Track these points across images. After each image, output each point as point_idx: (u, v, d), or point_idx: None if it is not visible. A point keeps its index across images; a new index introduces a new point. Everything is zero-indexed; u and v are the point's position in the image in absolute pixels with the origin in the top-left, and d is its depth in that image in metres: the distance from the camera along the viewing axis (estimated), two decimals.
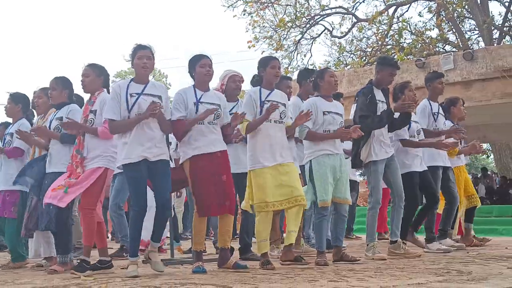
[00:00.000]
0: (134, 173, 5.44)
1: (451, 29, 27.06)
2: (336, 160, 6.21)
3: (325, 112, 6.24)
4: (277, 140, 5.93)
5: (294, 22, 27.07)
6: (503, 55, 14.86)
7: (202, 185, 5.62)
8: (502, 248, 7.91)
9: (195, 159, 5.66)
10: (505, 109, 16.39)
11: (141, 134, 5.43)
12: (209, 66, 5.84)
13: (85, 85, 5.90)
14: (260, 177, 5.81)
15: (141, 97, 5.48)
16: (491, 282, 4.31)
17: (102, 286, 4.56)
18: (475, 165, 43.44)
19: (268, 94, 6.02)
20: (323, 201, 6.10)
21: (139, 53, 5.57)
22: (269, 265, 5.67)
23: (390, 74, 6.84)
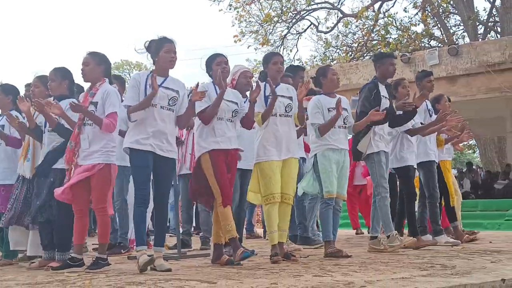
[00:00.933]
0: (139, 160, 5.41)
1: (436, 25, 27.22)
2: (341, 155, 6.35)
3: (330, 109, 6.34)
4: (283, 133, 5.98)
5: (280, 17, 27.09)
6: (487, 50, 14.96)
7: (222, 177, 5.67)
8: (486, 242, 7.96)
9: (215, 152, 5.70)
10: (489, 104, 16.51)
11: (153, 126, 5.42)
12: (225, 63, 5.90)
13: (85, 74, 5.71)
14: (268, 170, 5.87)
15: (160, 89, 5.44)
16: (475, 276, 4.33)
17: (86, 283, 4.54)
18: (460, 160, 43.66)
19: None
20: (329, 192, 6.25)
21: (167, 47, 5.54)
22: (276, 257, 5.74)
23: (390, 63, 6.98)
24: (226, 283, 4.27)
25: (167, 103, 5.50)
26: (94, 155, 5.51)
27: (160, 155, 5.45)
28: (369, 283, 4.02)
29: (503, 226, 13.71)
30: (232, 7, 26.46)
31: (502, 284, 4.16)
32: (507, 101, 16.97)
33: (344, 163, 6.36)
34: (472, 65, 15.11)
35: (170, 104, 5.51)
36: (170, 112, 5.53)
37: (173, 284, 4.28)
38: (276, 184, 5.85)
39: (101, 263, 5.46)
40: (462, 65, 15.24)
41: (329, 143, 6.30)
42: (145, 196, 5.45)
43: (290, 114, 6.07)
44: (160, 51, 5.55)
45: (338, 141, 6.34)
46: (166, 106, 5.50)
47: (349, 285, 3.97)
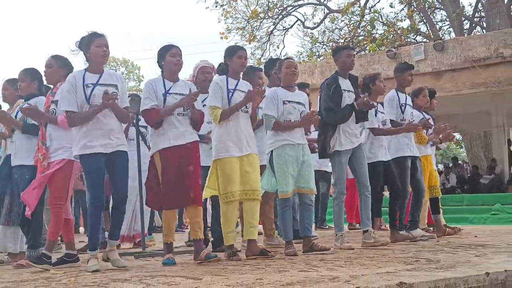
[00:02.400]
0: (91, 165, 5.32)
1: (422, 20, 27.32)
2: (298, 150, 6.18)
3: (285, 102, 6.20)
4: (244, 129, 5.89)
5: (266, 13, 27.08)
6: (473, 45, 15.03)
7: (171, 178, 5.57)
8: (471, 236, 8.00)
9: (165, 151, 5.61)
10: (475, 99, 16.60)
11: (97, 125, 5.31)
12: (179, 56, 5.78)
13: (48, 75, 5.85)
14: (227, 167, 5.78)
15: (97, 88, 5.35)
16: (459, 270, 4.35)
17: (71, 280, 4.53)
18: (447, 155, 43.83)
19: (236, 84, 5.98)
20: (284, 192, 6.12)
21: (98, 41, 5.42)
22: (235, 257, 5.70)
23: (347, 55, 6.82)
24: (211, 279, 4.27)
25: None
26: (58, 151, 5.60)
27: (111, 152, 5.37)
28: (354, 278, 4.02)
29: (489, 220, 13.80)
30: (218, 5, 26.43)
31: (486, 278, 4.18)
32: (493, 96, 17.07)
33: (303, 157, 6.19)
34: (457, 60, 15.17)
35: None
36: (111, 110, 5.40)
37: (158, 281, 4.27)
38: (235, 182, 5.76)
39: (43, 260, 5.50)
40: (447, 60, 15.30)
41: (285, 138, 6.13)
42: (101, 200, 5.41)
43: (249, 110, 5.97)
44: (91, 46, 5.41)
45: (294, 136, 6.17)
46: None
47: (334, 279, 3.98)
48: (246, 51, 6.23)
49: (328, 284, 3.78)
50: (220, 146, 5.84)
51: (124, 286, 4.12)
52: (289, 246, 6.09)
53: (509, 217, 13.82)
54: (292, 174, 6.13)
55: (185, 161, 5.62)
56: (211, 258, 5.56)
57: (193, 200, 5.65)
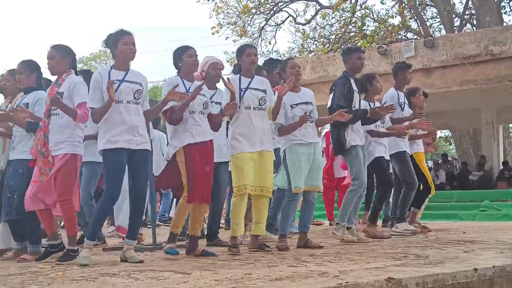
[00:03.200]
0: (114, 160, 5.32)
1: (413, 17, 27.34)
2: (310, 149, 6.28)
3: (293, 106, 6.29)
4: (257, 127, 5.97)
5: (258, 9, 27.03)
6: (463, 42, 15.05)
7: (196, 173, 5.63)
8: (460, 232, 8.03)
9: (190, 147, 5.66)
10: (465, 96, 16.64)
11: (122, 121, 5.32)
12: (196, 56, 5.85)
13: (51, 67, 5.69)
14: (239, 161, 5.87)
15: (123, 84, 5.36)
16: (447, 266, 4.38)
17: (59, 274, 4.51)
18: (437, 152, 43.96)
19: (249, 82, 6.06)
20: (297, 188, 6.20)
21: (125, 39, 5.44)
22: (235, 249, 5.75)
23: (358, 57, 6.96)
24: (200, 273, 4.27)
25: (132, 96, 5.40)
26: (60, 145, 5.51)
27: (133, 149, 5.37)
28: (343, 273, 4.04)
29: (478, 216, 13.84)
30: None
31: (474, 274, 4.21)
32: (482, 93, 17.12)
33: (314, 155, 6.30)
34: (447, 57, 15.20)
35: (136, 97, 5.41)
36: (137, 106, 5.44)
37: (147, 275, 4.27)
38: (247, 175, 5.84)
39: (71, 255, 5.45)
40: (437, 57, 15.32)
41: (297, 138, 6.24)
42: (116, 195, 5.39)
43: (264, 107, 6.05)
44: (118, 44, 5.44)
45: (306, 135, 6.27)
46: (132, 100, 5.40)
47: (323, 275, 3.99)
48: (255, 48, 6.31)
49: (317, 279, 3.79)
50: (233, 143, 5.96)
51: (112, 280, 4.11)
52: (282, 239, 6.15)
53: (498, 213, 13.87)
54: (305, 171, 6.23)
55: (204, 160, 5.71)
56: (208, 255, 5.62)
57: (205, 198, 5.75)
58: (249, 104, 5.96)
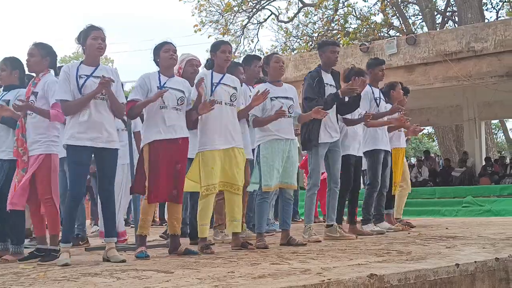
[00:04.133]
0: (75, 157, 5.26)
1: (395, 14, 27.44)
2: (286, 145, 6.25)
3: (273, 98, 6.25)
4: (228, 122, 5.92)
5: (240, 7, 27.01)
6: (444, 39, 15.13)
7: (157, 172, 5.55)
8: (443, 228, 8.07)
9: (156, 144, 5.58)
10: (446, 92, 16.75)
11: (91, 116, 5.26)
12: (173, 51, 5.79)
13: (30, 64, 5.69)
14: (210, 160, 5.79)
15: (90, 79, 5.30)
16: (429, 262, 4.39)
17: (40, 275, 4.47)
18: (419, 148, 44.18)
19: (220, 77, 6.00)
20: (267, 186, 6.15)
21: (94, 34, 5.38)
22: (208, 249, 5.69)
23: (332, 51, 6.90)
24: (183, 272, 4.26)
25: (101, 93, 5.31)
26: (34, 145, 5.53)
27: (99, 148, 5.31)
28: (326, 270, 4.04)
29: (460, 212, 13.92)
30: None
31: (456, 269, 4.22)
32: (464, 90, 17.24)
33: (290, 152, 6.25)
34: (429, 54, 15.27)
35: (104, 93, 5.31)
36: (105, 102, 5.36)
37: (129, 275, 4.25)
38: (217, 175, 5.79)
39: (53, 255, 5.43)
40: (419, 54, 15.39)
41: (273, 133, 6.20)
42: (80, 193, 5.35)
43: (234, 103, 6.01)
44: (88, 39, 5.39)
45: (282, 131, 6.23)
46: (100, 96, 5.31)
47: (306, 272, 3.99)
48: (231, 46, 6.25)
49: (299, 277, 3.79)
50: (204, 139, 5.86)
51: (94, 280, 4.08)
52: (260, 238, 6.11)
53: (480, 209, 13.96)
54: (277, 169, 6.19)
55: (175, 158, 5.62)
56: (191, 253, 5.59)
57: (175, 198, 5.69)
58: (221, 99, 5.88)
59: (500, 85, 15.25)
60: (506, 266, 4.62)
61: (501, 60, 14.51)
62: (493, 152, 24.80)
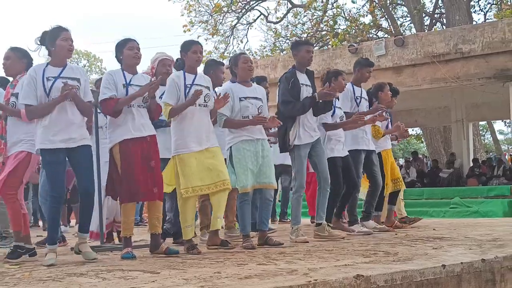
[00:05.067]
0: (51, 158, 5.23)
1: (383, 16, 27.52)
2: (258, 146, 6.20)
3: (242, 98, 6.20)
4: (203, 124, 5.87)
5: (230, 7, 27.00)
6: (432, 41, 15.20)
7: (131, 171, 5.50)
8: (430, 229, 8.07)
9: (126, 143, 5.53)
10: (434, 93, 16.83)
11: (59, 119, 5.23)
12: (137, 49, 5.72)
13: (6, 68, 5.74)
14: (186, 163, 5.74)
15: (58, 81, 5.25)
16: (416, 262, 4.39)
17: (26, 274, 4.45)
18: (408, 149, 44.33)
19: (193, 78, 5.93)
20: (243, 187, 6.12)
21: (64, 35, 5.34)
22: (195, 250, 5.66)
23: (307, 51, 6.84)
24: (169, 272, 4.24)
25: None
26: (18, 144, 5.56)
27: (72, 148, 5.29)
28: (312, 271, 4.03)
29: (448, 213, 14.00)
30: None
31: (442, 270, 4.23)
32: (452, 91, 17.33)
33: (263, 152, 6.21)
34: (417, 56, 15.33)
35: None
36: (73, 103, 5.31)
37: (115, 275, 4.23)
38: (196, 177, 5.74)
39: (19, 252, 5.47)
40: (408, 55, 15.45)
41: (243, 134, 6.16)
42: (60, 195, 5.31)
43: (208, 104, 5.95)
44: (57, 40, 5.32)
45: (252, 131, 6.18)
46: (68, 98, 5.25)
47: (293, 272, 3.98)
48: (201, 45, 6.14)
49: (286, 277, 3.78)
50: (179, 143, 5.80)
51: (79, 280, 4.06)
52: (247, 239, 6.10)
53: (468, 210, 14.04)
54: (252, 169, 6.14)
55: (146, 155, 5.58)
56: (172, 253, 5.56)
57: (157, 196, 5.65)
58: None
59: (487, 86, 15.33)
60: (492, 267, 4.63)
61: (488, 62, 14.59)
62: (480, 154, 24.92)
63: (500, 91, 15.03)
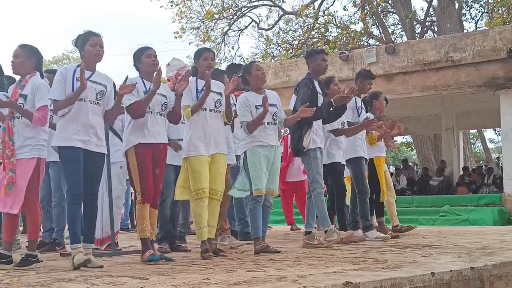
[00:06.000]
0: (71, 157, 5.28)
1: (375, 23, 27.62)
2: (272, 152, 6.33)
3: (258, 106, 6.30)
4: (212, 129, 5.96)
5: (221, 14, 27.03)
6: (423, 49, 15.23)
7: (146, 173, 5.63)
8: (419, 237, 8.09)
9: (141, 147, 5.63)
10: (425, 101, 16.87)
11: (80, 119, 5.31)
12: (154, 56, 5.85)
13: (15, 66, 5.60)
14: (197, 164, 5.82)
15: (87, 83, 5.32)
16: (405, 270, 4.40)
17: (14, 280, 4.43)
18: (398, 157, 44.40)
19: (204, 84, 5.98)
20: (258, 190, 6.22)
21: (92, 40, 5.44)
22: (207, 253, 5.72)
23: (322, 59, 7.00)
24: (158, 279, 4.23)
25: (94, 97, 5.40)
26: (25, 149, 5.43)
27: (88, 150, 5.34)
28: (301, 277, 4.03)
29: (437, 221, 14.01)
30: (174, 4, 26.27)
31: (431, 278, 4.24)
32: (443, 99, 17.38)
33: (274, 159, 6.36)
34: (408, 64, 15.36)
35: (98, 98, 5.42)
36: (97, 106, 5.44)
37: (104, 281, 4.21)
38: (205, 179, 5.82)
39: (30, 260, 5.36)
40: (398, 63, 15.48)
41: (258, 139, 6.28)
42: (79, 193, 5.32)
43: (219, 109, 6.04)
44: (86, 45, 5.46)
45: (267, 137, 6.32)
46: (94, 100, 5.40)
47: (282, 279, 3.98)
48: (213, 53, 6.32)
49: (275, 284, 3.78)
50: (189, 145, 5.90)
51: (68, 286, 4.05)
52: (259, 242, 6.18)
53: (458, 218, 14.07)
54: (265, 173, 6.26)
55: (155, 162, 5.71)
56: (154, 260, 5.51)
57: (154, 203, 5.73)
58: (205, 106, 5.92)
59: (478, 95, 15.38)
60: (481, 275, 4.65)
61: (479, 70, 14.64)
62: (471, 162, 25.00)
63: (491, 100, 15.08)
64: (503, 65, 14.35)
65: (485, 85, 14.61)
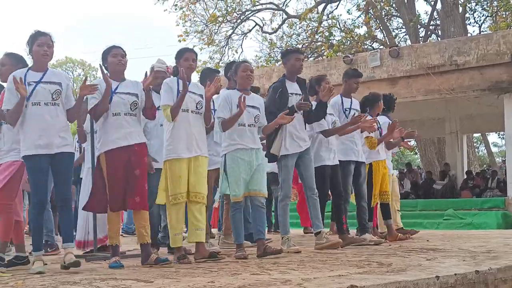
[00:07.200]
0: (33, 165, 5.24)
1: (379, 27, 27.61)
2: (252, 155, 6.17)
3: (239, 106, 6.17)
4: (194, 131, 5.87)
5: (225, 17, 27.04)
6: (427, 52, 15.24)
7: (115, 180, 5.52)
8: (424, 240, 8.07)
9: (111, 152, 5.54)
10: (429, 105, 16.86)
11: (40, 124, 5.24)
12: (121, 56, 5.74)
13: (1, 74, 5.69)
14: (176, 168, 5.75)
15: (40, 85, 5.28)
16: (410, 273, 4.39)
17: (19, 283, 4.43)
18: (402, 161, 44.35)
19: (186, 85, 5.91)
20: (235, 196, 6.11)
21: (39, 40, 5.37)
22: (185, 259, 5.64)
23: (296, 59, 6.83)
24: (163, 282, 4.23)
25: (50, 98, 5.31)
26: (11, 153, 5.52)
27: (53, 153, 5.29)
28: (306, 281, 4.03)
29: (441, 225, 14.01)
30: (178, 7, 26.32)
31: (436, 281, 4.23)
32: (446, 103, 17.36)
33: (257, 161, 6.18)
34: (412, 67, 15.37)
35: (54, 98, 5.31)
36: (55, 107, 5.34)
37: (108, 284, 4.22)
38: (184, 184, 5.75)
39: (14, 262, 5.52)
40: (402, 67, 15.49)
41: (238, 142, 6.12)
42: (42, 201, 5.32)
43: (200, 111, 5.96)
44: (34, 45, 5.39)
45: (247, 140, 6.15)
46: (50, 101, 5.30)
47: (286, 282, 3.98)
48: (195, 53, 6.17)
49: (280, 287, 3.78)
50: (170, 148, 5.81)
51: None
52: (239, 249, 6.08)
53: (461, 222, 14.07)
54: (245, 178, 6.13)
55: (132, 164, 5.57)
56: (161, 262, 5.50)
57: (139, 205, 5.60)
58: (187, 107, 5.84)
59: (482, 98, 15.39)
60: (486, 279, 4.64)
61: (483, 74, 14.64)
62: (474, 166, 24.95)
63: (495, 103, 15.08)
64: (507, 69, 14.35)
65: (489, 89, 14.62)
